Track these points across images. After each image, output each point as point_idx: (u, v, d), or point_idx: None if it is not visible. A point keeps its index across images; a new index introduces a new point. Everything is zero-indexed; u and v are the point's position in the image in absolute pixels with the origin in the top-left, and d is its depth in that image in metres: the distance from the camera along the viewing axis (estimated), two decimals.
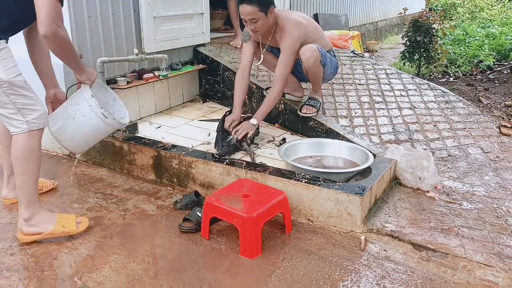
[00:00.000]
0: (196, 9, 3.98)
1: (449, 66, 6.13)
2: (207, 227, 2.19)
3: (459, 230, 2.23)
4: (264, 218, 2.10)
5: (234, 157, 2.80)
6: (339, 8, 7.92)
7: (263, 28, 2.84)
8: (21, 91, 1.97)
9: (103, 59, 3.04)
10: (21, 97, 1.97)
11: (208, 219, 2.18)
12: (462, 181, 2.74)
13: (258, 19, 2.76)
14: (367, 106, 3.51)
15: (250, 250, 2.05)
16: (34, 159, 2.04)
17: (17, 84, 1.95)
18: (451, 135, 3.27)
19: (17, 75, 1.95)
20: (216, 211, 2.13)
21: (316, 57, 2.93)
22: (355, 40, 6.30)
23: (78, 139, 2.37)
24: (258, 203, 2.11)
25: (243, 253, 2.06)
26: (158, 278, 1.90)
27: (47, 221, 2.10)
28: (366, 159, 2.62)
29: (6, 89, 1.92)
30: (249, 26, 2.82)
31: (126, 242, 2.15)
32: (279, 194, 2.23)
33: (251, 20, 2.76)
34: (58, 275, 1.91)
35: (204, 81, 4.12)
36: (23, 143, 2.00)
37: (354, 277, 1.92)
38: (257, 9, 2.73)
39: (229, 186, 2.33)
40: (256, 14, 2.74)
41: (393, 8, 10.72)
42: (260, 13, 2.75)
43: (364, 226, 2.27)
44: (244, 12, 2.75)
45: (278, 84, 2.93)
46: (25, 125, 1.99)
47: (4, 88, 1.91)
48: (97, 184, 2.78)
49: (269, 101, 2.97)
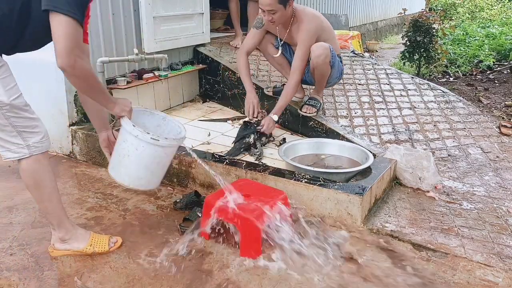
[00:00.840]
0: (196, 9, 3.98)
1: (449, 66, 6.13)
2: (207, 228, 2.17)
3: (459, 230, 2.23)
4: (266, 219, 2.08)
5: (235, 157, 2.80)
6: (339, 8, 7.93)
7: (281, 20, 2.85)
8: (22, 113, 1.82)
9: (103, 59, 3.04)
10: (22, 119, 1.82)
11: (207, 218, 2.16)
12: (462, 181, 2.74)
13: (277, 11, 2.77)
14: (367, 106, 3.51)
15: (252, 251, 2.04)
16: (47, 184, 1.92)
17: (18, 106, 1.79)
18: (451, 135, 3.27)
19: (18, 96, 1.80)
20: (218, 211, 2.12)
21: (326, 55, 2.91)
22: (355, 40, 6.30)
23: (144, 175, 2.07)
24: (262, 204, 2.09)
25: (243, 254, 2.06)
26: (158, 278, 1.90)
27: (80, 240, 2.06)
28: (366, 159, 2.62)
29: (6, 111, 1.76)
30: (266, 16, 2.82)
31: (126, 242, 2.15)
32: (280, 194, 2.23)
33: (269, 11, 2.77)
34: (58, 275, 1.91)
35: (204, 81, 4.12)
36: (28, 170, 1.87)
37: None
38: (276, 1, 2.73)
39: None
40: (275, 5, 2.74)
41: (393, 8, 10.73)
42: (279, 5, 2.75)
43: (364, 226, 2.27)
44: (263, 3, 2.76)
45: (295, 76, 2.94)
46: (26, 149, 1.85)
47: (4, 110, 1.76)
48: (97, 184, 2.78)
49: (286, 94, 2.99)
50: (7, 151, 1.85)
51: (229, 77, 3.85)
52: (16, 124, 1.81)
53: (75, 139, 3.11)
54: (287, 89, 2.98)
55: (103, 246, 2.08)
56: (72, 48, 1.64)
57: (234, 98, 3.87)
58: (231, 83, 3.86)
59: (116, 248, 2.11)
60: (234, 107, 3.89)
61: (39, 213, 2.41)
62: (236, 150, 2.89)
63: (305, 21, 2.88)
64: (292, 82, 2.95)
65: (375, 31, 10.06)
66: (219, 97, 4.03)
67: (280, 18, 2.82)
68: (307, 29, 2.88)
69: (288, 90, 2.98)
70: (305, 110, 3.18)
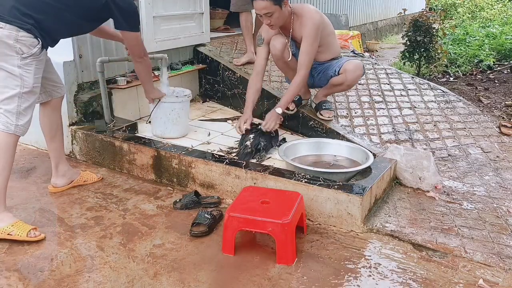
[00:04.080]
0: (196, 8, 3.98)
1: (449, 66, 6.13)
2: (232, 243, 2.07)
3: (459, 230, 2.23)
4: (296, 221, 2.08)
5: (235, 156, 2.80)
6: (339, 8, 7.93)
7: (279, 21, 2.81)
8: (31, 100, 2.21)
9: (103, 59, 3.03)
10: (27, 102, 2.18)
11: (233, 234, 2.06)
12: (462, 181, 2.74)
13: (273, 13, 2.72)
14: (367, 106, 3.51)
15: (288, 256, 2.01)
16: (8, 158, 2.16)
17: (34, 92, 2.21)
18: (451, 135, 3.27)
19: (39, 86, 2.25)
20: (245, 223, 2.04)
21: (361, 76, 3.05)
22: (355, 40, 6.31)
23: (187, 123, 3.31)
24: (285, 208, 2.07)
25: (280, 261, 2.01)
26: (158, 278, 1.90)
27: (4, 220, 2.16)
28: (366, 159, 2.61)
29: (24, 93, 2.15)
30: (264, 20, 2.79)
31: (126, 242, 2.15)
32: (297, 196, 2.20)
33: (266, 14, 2.73)
34: (58, 275, 1.91)
35: (204, 81, 4.12)
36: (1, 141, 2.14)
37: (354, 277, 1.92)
38: (271, 3, 2.69)
39: (240, 196, 2.22)
40: (270, 7, 2.70)
41: (393, 8, 10.73)
42: (274, 6, 2.70)
43: (364, 226, 2.26)
44: (258, 7, 2.72)
45: (301, 71, 2.90)
46: (13, 127, 2.15)
47: (23, 92, 2.15)
48: (97, 184, 2.78)
49: (292, 88, 2.96)
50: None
51: (229, 77, 3.85)
52: (20, 105, 2.16)
53: (75, 139, 3.11)
54: (293, 85, 2.94)
55: (22, 231, 2.13)
56: (143, 52, 2.73)
57: (234, 98, 3.87)
58: (231, 83, 3.85)
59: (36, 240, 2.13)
60: (234, 107, 3.89)
61: (39, 213, 2.41)
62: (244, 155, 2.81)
63: (307, 16, 2.85)
64: (298, 78, 2.91)
65: (375, 31, 10.06)
66: (219, 97, 4.03)
67: (278, 20, 2.78)
68: (311, 23, 2.83)
69: (294, 85, 2.94)
70: (328, 115, 3.17)
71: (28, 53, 2.13)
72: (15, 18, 2.09)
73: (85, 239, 2.18)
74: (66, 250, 2.09)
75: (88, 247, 2.12)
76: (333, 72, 3.03)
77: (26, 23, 2.11)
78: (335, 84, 3.05)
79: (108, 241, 2.16)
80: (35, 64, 2.17)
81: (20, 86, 2.14)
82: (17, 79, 2.13)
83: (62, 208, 2.48)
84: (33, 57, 2.15)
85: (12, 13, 2.09)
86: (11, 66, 2.11)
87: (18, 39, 2.09)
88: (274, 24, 2.81)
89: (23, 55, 2.12)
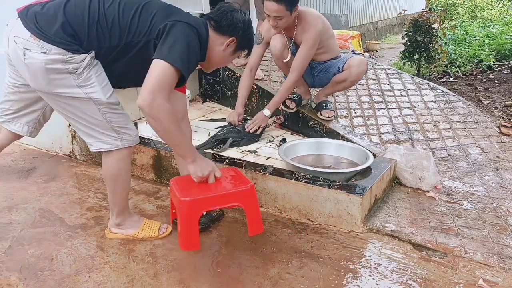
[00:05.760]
0: (196, 9, 3.98)
1: (449, 66, 6.13)
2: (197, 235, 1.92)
3: (459, 230, 2.23)
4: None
5: (235, 156, 2.80)
6: (339, 8, 7.94)
7: (284, 25, 2.84)
8: (116, 110, 1.91)
9: None
10: (115, 115, 1.91)
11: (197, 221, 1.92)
12: (462, 181, 2.74)
13: (283, 17, 2.75)
14: (367, 106, 3.51)
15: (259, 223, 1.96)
16: (125, 179, 2.04)
17: (112, 102, 1.88)
18: (451, 135, 3.27)
19: (112, 93, 1.89)
20: (208, 202, 1.93)
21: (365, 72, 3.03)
22: (355, 40, 6.30)
23: None
24: (239, 179, 2.03)
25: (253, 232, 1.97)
26: (158, 278, 1.90)
27: (133, 226, 2.17)
28: (366, 159, 2.61)
29: (102, 107, 1.86)
30: (271, 22, 2.79)
31: (126, 242, 2.15)
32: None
33: (276, 17, 2.74)
34: (58, 275, 1.91)
35: (204, 81, 4.11)
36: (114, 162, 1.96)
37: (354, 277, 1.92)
38: (284, 8, 2.70)
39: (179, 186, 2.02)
40: (282, 12, 2.71)
41: (393, 8, 10.74)
42: (286, 12, 2.72)
43: (364, 226, 2.27)
44: (270, 9, 2.72)
45: (294, 73, 2.93)
46: (119, 141, 1.93)
47: (101, 107, 1.85)
48: (97, 184, 2.78)
49: (283, 90, 2.99)
50: (99, 142, 1.93)
51: (229, 77, 3.85)
52: (110, 120, 1.89)
53: (75, 139, 3.11)
54: (284, 87, 2.98)
55: (153, 231, 2.17)
56: (158, 88, 1.69)
57: (234, 98, 3.85)
58: (231, 83, 3.85)
59: (167, 234, 2.19)
60: (234, 107, 3.88)
61: (39, 213, 2.41)
62: (208, 144, 2.97)
63: (311, 22, 2.87)
64: (289, 80, 2.95)
65: (375, 31, 10.06)
66: (219, 97, 4.03)
67: (284, 24, 2.81)
68: (313, 30, 2.86)
69: (283, 89, 2.98)
70: (328, 115, 3.17)
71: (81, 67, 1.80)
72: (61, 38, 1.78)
73: (85, 239, 2.18)
74: (66, 250, 2.09)
75: (88, 247, 2.12)
76: (336, 69, 3.05)
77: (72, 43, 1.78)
78: (338, 81, 3.05)
79: (108, 241, 2.16)
80: (94, 73, 1.83)
81: (96, 104, 1.85)
82: (86, 100, 1.84)
83: (62, 208, 2.48)
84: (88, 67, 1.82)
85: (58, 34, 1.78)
86: (71, 89, 1.81)
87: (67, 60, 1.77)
88: (279, 27, 2.83)
89: (77, 72, 1.80)
